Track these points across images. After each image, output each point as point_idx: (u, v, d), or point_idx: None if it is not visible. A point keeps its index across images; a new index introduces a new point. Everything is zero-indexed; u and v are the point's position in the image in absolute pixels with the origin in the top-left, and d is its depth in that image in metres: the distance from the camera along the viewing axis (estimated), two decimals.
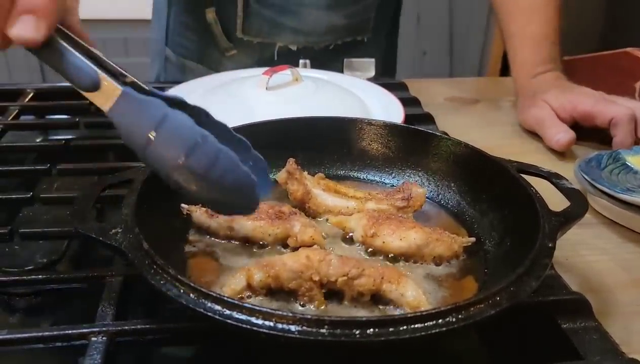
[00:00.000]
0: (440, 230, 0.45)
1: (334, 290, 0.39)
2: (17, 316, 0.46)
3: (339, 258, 0.40)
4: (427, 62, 2.32)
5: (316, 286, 0.39)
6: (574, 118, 0.76)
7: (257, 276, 0.39)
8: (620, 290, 0.49)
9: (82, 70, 0.34)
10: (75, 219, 0.41)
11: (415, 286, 0.39)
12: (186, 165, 0.34)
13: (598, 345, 0.38)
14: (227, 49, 0.95)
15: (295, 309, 0.39)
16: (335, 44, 0.97)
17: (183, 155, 0.34)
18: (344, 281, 0.38)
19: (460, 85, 0.99)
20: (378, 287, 0.38)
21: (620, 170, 0.63)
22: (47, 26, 0.33)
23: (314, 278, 0.38)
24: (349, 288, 0.39)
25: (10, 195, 0.59)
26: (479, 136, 0.67)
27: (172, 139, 0.35)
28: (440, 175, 0.54)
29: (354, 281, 0.38)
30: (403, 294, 0.38)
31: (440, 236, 0.43)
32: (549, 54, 0.83)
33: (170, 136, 0.34)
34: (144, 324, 0.38)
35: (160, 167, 0.35)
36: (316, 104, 0.69)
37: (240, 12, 0.92)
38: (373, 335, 0.30)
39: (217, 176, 0.35)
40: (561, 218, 0.42)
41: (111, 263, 0.47)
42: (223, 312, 0.32)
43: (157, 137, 0.34)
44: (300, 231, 0.44)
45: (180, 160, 0.34)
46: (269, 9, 0.92)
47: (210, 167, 0.35)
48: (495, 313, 0.32)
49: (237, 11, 0.92)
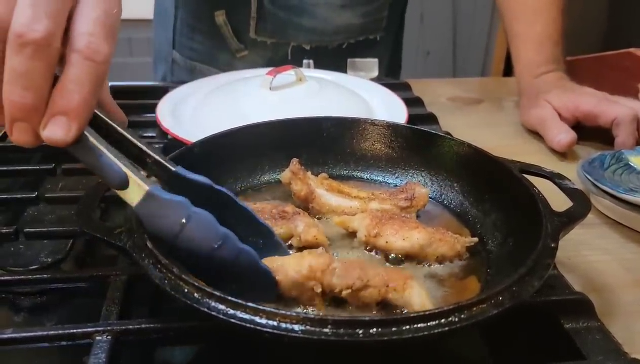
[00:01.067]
0: (443, 230, 0.45)
1: (338, 298, 0.39)
2: (22, 316, 0.46)
3: (343, 265, 0.39)
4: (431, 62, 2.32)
5: (318, 296, 0.38)
6: (576, 118, 0.76)
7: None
8: (623, 290, 0.49)
9: (111, 170, 0.36)
10: (80, 219, 0.41)
11: (421, 291, 0.38)
12: (202, 273, 0.37)
13: (601, 345, 0.38)
14: (238, 50, 0.96)
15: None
16: (348, 43, 0.97)
17: (204, 257, 0.37)
18: (348, 293, 0.38)
19: (463, 85, 0.99)
20: (383, 296, 0.38)
21: (623, 170, 0.63)
22: (78, 128, 0.34)
23: (316, 289, 0.38)
24: (354, 299, 0.38)
25: (15, 194, 0.59)
26: (482, 136, 0.67)
27: (193, 243, 0.37)
28: (443, 175, 0.54)
29: (359, 293, 0.38)
30: (409, 301, 0.38)
31: (443, 237, 0.44)
32: (552, 54, 0.83)
33: (191, 241, 0.37)
34: (149, 324, 0.38)
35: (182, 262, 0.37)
36: (319, 104, 0.69)
37: (253, 14, 0.92)
38: (376, 335, 0.30)
39: (236, 274, 0.38)
40: (564, 218, 0.42)
41: (115, 262, 0.47)
42: (227, 311, 0.32)
43: (180, 240, 0.37)
44: (304, 231, 0.44)
45: (200, 263, 0.37)
46: (283, 9, 0.92)
47: (230, 266, 0.37)
48: (497, 313, 0.32)
49: (250, 13, 0.92)
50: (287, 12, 0.92)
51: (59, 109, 0.33)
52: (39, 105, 0.33)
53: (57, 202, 0.57)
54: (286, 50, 0.96)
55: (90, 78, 0.34)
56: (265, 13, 0.92)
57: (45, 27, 0.32)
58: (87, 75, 0.34)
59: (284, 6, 0.92)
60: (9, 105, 0.33)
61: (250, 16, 0.93)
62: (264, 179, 0.56)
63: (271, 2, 0.91)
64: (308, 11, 0.93)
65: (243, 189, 0.55)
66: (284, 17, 0.93)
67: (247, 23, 0.94)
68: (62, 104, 0.33)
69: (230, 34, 0.94)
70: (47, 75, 0.33)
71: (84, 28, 0.34)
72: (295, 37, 0.95)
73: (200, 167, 0.51)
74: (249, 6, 0.92)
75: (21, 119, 0.33)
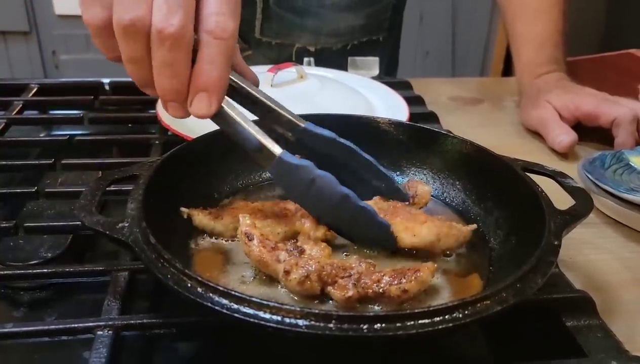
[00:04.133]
0: (447, 222, 0.45)
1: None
2: (22, 311, 0.46)
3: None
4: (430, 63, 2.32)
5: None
6: (577, 118, 0.77)
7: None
8: (624, 288, 0.49)
9: (246, 137, 0.41)
10: (82, 212, 0.41)
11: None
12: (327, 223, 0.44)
13: (602, 343, 0.38)
14: (243, 49, 0.96)
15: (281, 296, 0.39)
16: (352, 44, 0.97)
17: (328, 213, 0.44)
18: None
19: (464, 84, 0.99)
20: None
21: (624, 170, 0.63)
22: (217, 101, 0.39)
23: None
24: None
25: (14, 189, 0.59)
26: (483, 135, 0.67)
27: (318, 203, 0.43)
28: (445, 173, 0.54)
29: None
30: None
31: (450, 230, 0.44)
32: (553, 54, 0.83)
33: (315, 201, 0.43)
34: (150, 319, 0.38)
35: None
36: (321, 101, 0.69)
37: (259, 14, 0.92)
38: (380, 330, 0.30)
39: (357, 226, 0.43)
40: (566, 216, 0.42)
41: (115, 257, 0.47)
42: (230, 306, 0.32)
43: (306, 200, 0.43)
44: (312, 228, 0.44)
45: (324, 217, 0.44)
46: (289, 11, 0.92)
47: (350, 220, 0.43)
48: (502, 310, 0.32)
49: (255, 13, 0.92)
50: (293, 13, 0.92)
51: (200, 87, 0.38)
52: (183, 88, 0.39)
53: (56, 197, 0.56)
54: (290, 51, 0.96)
55: (222, 55, 0.38)
56: (270, 14, 0.92)
57: (179, 21, 0.36)
58: (218, 53, 0.38)
59: (289, 8, 0.92)
60: (161, 91, 0.39)
61: (255, 17, 0.93)
62: (266, 176, 0.56)
63: (277, 4, 0.91)
64: (313, 13, 0.93)
65: (244, 186, 0.55)
66: (289, 18, 0.93)
67: (252, 23, 0.94)
68: (201, 82, 0.38)
69: None
70: (186, 61, 0.38)
71: (211, 9, 0.38)
72: (300, 38, 0.95)
73: (201, 163, 0.51)
74: (254, 7, 0.92)
75: (172, 100, 0.39)
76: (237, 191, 0.54)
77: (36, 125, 0.79)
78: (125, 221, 0.40)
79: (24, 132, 0.76)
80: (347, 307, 0.38)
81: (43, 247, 0.50)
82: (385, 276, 0.38)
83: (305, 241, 0.42)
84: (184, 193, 0.48)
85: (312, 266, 0.38)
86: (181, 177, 0.49)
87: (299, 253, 0.40)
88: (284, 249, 0.41)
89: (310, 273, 0.38)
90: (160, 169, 0.46)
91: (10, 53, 1.97)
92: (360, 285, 0.38)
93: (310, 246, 0.42)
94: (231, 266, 0.43)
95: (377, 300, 0.38)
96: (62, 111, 0.81)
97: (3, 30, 1.92)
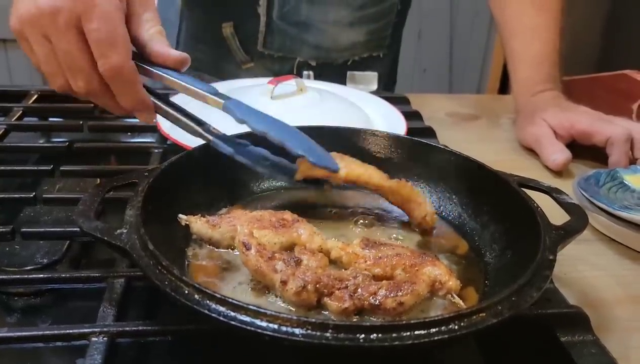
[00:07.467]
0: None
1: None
2: (15, 317, 0.46)
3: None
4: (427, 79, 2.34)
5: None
6: (571, 136, 0.78)
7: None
8: (618, 305, 0.49)
9: (190, 129, 0.51)
10: (80, 218, 0.41)
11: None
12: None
13: (596, 359, 0.38)
14: (244, 61, 0.97)
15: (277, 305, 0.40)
16: (352, 60, 0.99)
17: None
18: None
19: (461, 100, 1.01)
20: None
21: (618, 188, 0.64)
22: (150, 113, 0.51)
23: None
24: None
25: (12, 194, 0.59)
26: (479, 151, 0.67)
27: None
28: (442, 187, 0.55)
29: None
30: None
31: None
32: (549, 73, 0.84)
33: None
34: (146, 326, 0.38)
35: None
36: (320, 114, 0.69)
37: (262, 28, 0.93)
38: (377, 340, 0.30)
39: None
40: (561, 231, 0.43)
41: (111, 265, 0.47)
42: (228, 313, 0.32)
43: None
44: (308, 240, 0.44)
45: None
46: (292, 25, 0.93)
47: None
48: (497, 322, 0.33)
49: (258, 26, 0.93)
50: (296, 28, 0.93)
51: (129, 110, 0.51)
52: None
53: (54, 203, 0.57)
54: (292, 64, 0.97)
55: (124, 87, 0.48)
56: (273, 28, 0.93)
57: (84, 83, 0.49)
58: (121, 87, 0.48)
59: (292, 22, 0.93)
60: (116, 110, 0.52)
61: (258, 30, 0.94)
62: (263, 186, 0.56)
63: (280, 18, 0.92)
64: (316, 28, 0.94)
65: (242, 195, 0.55)
66: (292, 32, 0.94)
67: (255, 36, 0.95)
68: (128, 108, 0.50)
69: (237, 46, 0.95)
70: (109, 94, 0.49)
71: (96, 53, 0.46)
72: (301, 53, 0.96)
73: (199, 173, 0.52)
74: (257, 20, 0.93)
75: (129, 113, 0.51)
76: (235, 201, 0.54)
77: (36, 132, 0.79)
78: (124, 228, 0.40)
79: (23, 138, 0.76)
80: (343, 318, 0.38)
81: (39, 253, 0.50)
82: (382, 289, 0.38)
83: (302, 252, 0.43)
84: (182, 201, 0.48)
85: (309, 276, 0.38)
86: (180, 185, 0.49)
87: (296, 264, 0.41)
88: (281, 259, 0.41)
89: (307, 283, 0.38)
90: (160, 177, 0.46)
91: (10, 60, 1.97)
92: (356, 296, 0.38)
93: (307, 256, 0.42)
94: (228, 274, 0.43)
95: (373, 312, 0.38)
96: (62, 118, 0.81)
97: (3, 37, 1.93)
